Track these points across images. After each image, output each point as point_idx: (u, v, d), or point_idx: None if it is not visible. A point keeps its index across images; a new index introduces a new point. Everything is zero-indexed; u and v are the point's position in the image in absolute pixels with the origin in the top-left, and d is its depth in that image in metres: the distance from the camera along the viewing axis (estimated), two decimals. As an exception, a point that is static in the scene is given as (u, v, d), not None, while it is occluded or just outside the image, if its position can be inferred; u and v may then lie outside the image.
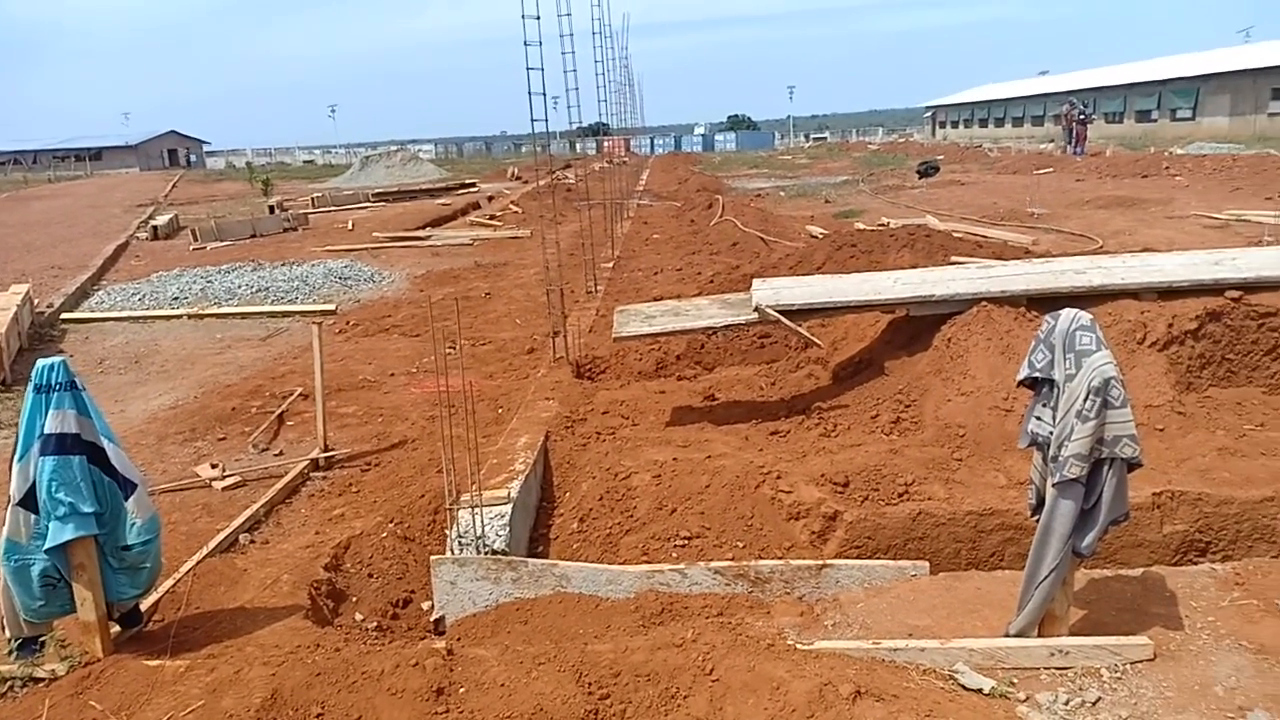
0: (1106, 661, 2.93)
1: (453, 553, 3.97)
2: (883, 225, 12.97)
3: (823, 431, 5.11)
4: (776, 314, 5.13)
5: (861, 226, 13.03)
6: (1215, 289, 5.00)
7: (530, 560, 3.89)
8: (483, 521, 4.03)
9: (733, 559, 4.03)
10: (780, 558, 4.12)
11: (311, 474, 5.36)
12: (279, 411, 6.42)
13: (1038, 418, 2.93)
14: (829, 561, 3.80)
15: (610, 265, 12.41)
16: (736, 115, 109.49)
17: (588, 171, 22.19)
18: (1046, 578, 2.91)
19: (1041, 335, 2.92)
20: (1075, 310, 2.90)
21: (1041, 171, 23.56)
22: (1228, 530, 4.13)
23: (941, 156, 31.95)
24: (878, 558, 4.07)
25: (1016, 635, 3.00)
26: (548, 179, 19.64)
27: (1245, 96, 38.48)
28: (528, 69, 6.43)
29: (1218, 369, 4.98)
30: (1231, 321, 4.98)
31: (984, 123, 61.73)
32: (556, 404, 5.93)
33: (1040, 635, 3.01)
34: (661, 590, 3.73)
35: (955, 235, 11.62)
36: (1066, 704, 2.75)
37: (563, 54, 9.54)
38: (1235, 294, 5.00)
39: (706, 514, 4.36)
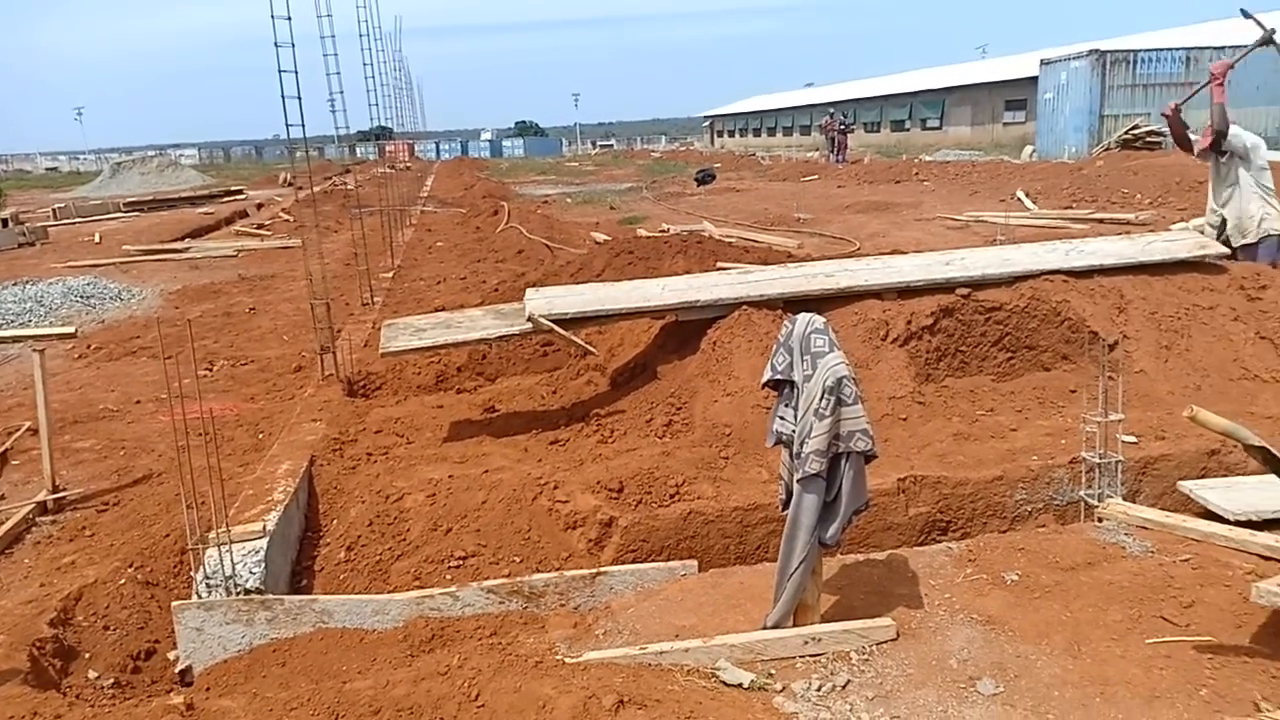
0: (855, 645, 3.10)
1: (199, 596, 3.66)
2: (664, 231, 13.32)
3: (600, 438, 5.15)
4: (550, 323, 5.12)
5: (644, 233, 13.32)
6: (948, 287, 5.45)
7: (287, 598, 3.65)
8: (233, 560, 3.74)
9: (509, 575, 3.96)
10: (558, 569, 4.10)
11: (38, 519, 4.80)
12: (1, 450, 5.72)
13: (781, 417, 3.06)
14: (602, 569, 3.81)
15: (390, 275, 12.01)
16: (524, 121, 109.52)
17: (368, 177, 21.41)
18: (797, 569, 3.04)
19: (781, 339, 3.05)
20: (810, 314, 3.05)
21: (808, 179, 25.08)
22: (964, 509, 4.50)
23: (719, 164, 33.34)
24: (653, 560, 4.14)
25: (773, 627, 3.12)
26: (324, 184, 18.79)
27: (984, 108, 42.57)
28: (279, 72, 6.08)
29: (952, 360, 5.42)
30: (962, 316, 5.43)
31: (757, 132, 64.92)
32: (324, 425, 5.64)
33: (795, 625, 3.14)
34: (432, 616, 3.61)
35: (728, 241, 12.12)
36: (819, 690, 2.88)
37: (325, 56, 9.13)
38: (965, 291, 5.46)
39: (483, 531, 4.27)
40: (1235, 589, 3.13)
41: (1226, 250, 5.93)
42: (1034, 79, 28.12)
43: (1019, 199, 15.80)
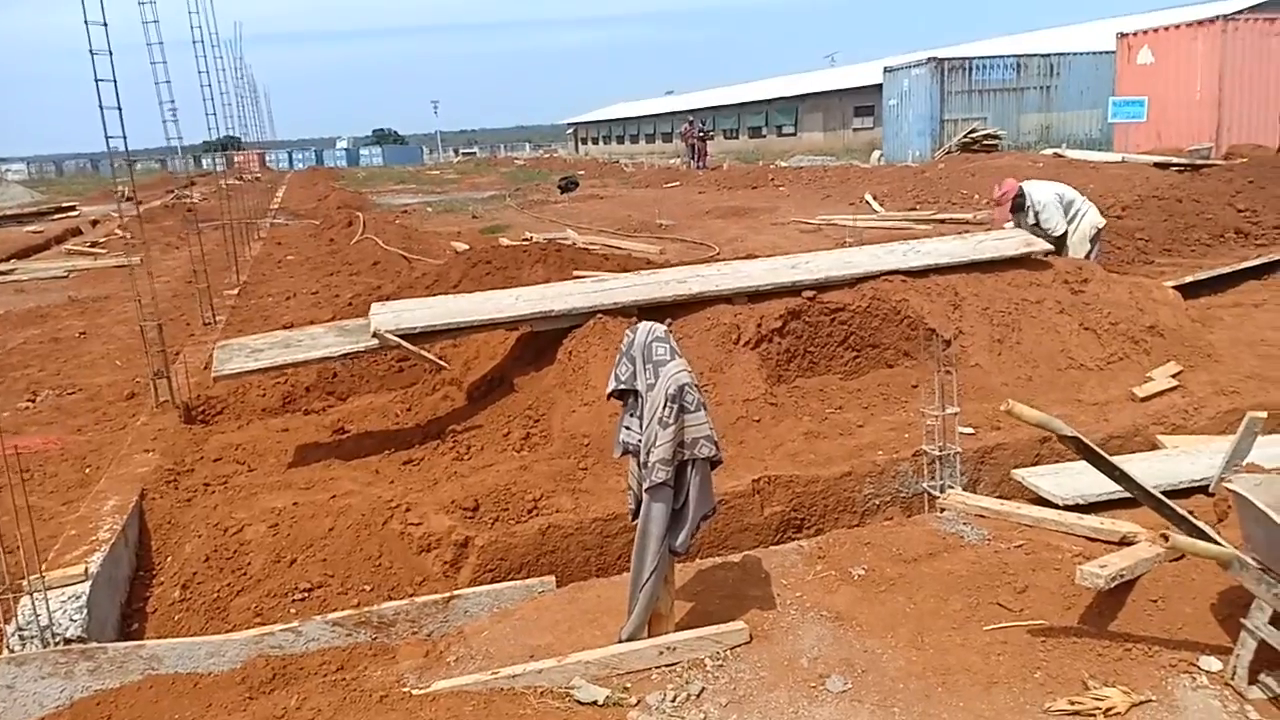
0: (709, 651, 3.10)
1: (9, 649, 3.35)
2: (526, 239, 13.18)
3: (456, 455, 5.01)
4: (397, 339, 4.95)
5: (506, 241, 13.13)
6: (795, 290, 5.58)
7: (111, 645, 3.37)
8: (49, 607, 3.44)
9: (358, 605, 3.79)
10: (411, 594, 3.95)
11: None
12: None
13: (627, 427, 3.04)
14: (456, 592, 3.69)
15: (235, 292, 11.43)
16: (383, 129, 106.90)
17: (214, 189, 20.39)
18: (649, 579, 3.02)
19: (623, 349, 3.03)
20: (650, 323, 3.04)
21: (670, 185, 25.36)
22: (817, 507, 4.60)
23: (583, 172, 33.35)
24: (512, 578, 4.04)
25: (628, 639, 3.09)
26: (165, 198, 17.76)
27: (834, 114, 44.14)
28: (96, 81, 5.67)
29: (802, 361, 5.55)
30: (810, 318, 5.56)
31: (621, 139, 65.38)
32: (157, 456, 5.28)
33: (650, 635, 3.12)
34: (273, 654, 3.40)
35: (590, 248, 12.11)
36: (673, 700, 2.86)
37: (152, 64, 8.60)
38: (811, 293, 5.60)
39: (330, 560, 4.07)
40: (1064, 572, 3.29)
41: (1050, 247, 6.31)
42: (880, 86, 29.35)
43: (867, 202, 16.41)
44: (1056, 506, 3.93)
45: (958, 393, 4.74)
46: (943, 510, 4.10)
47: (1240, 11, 22.94)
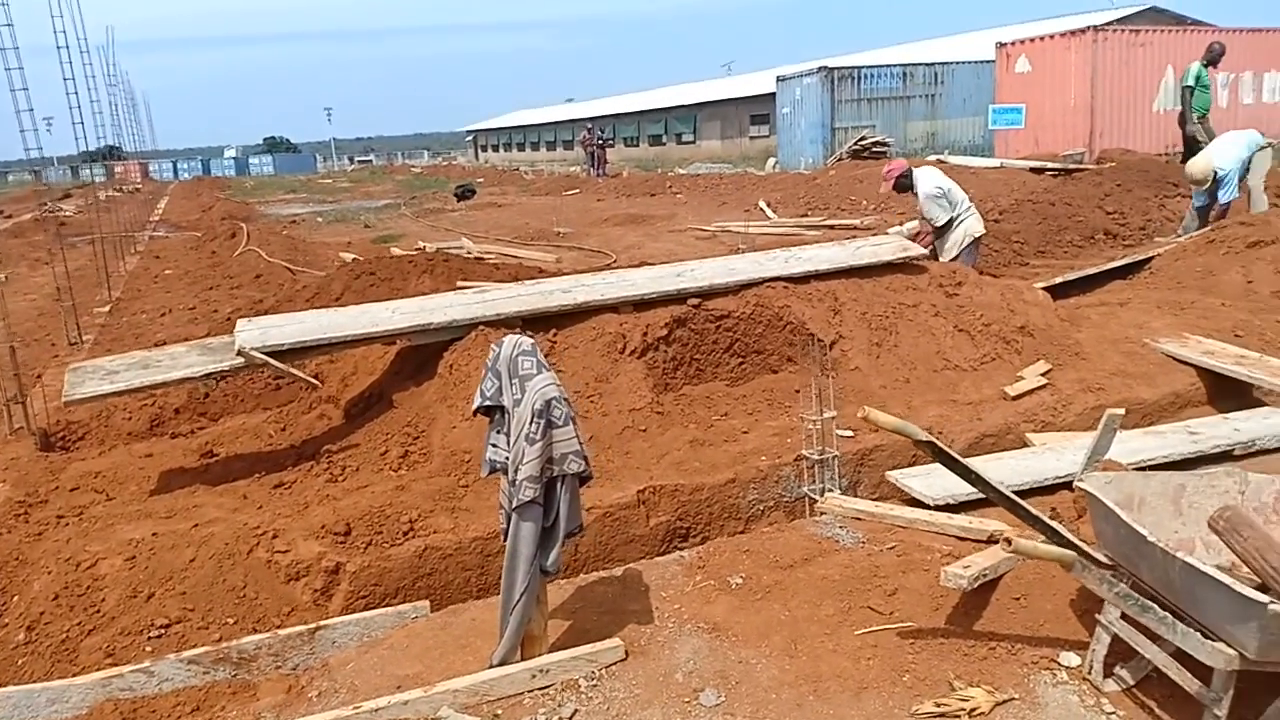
0: (584, 671, 3.03)
1: None
2: (419, 249, 12.92)
3: (330, 477, 4.82)
4: (264, 356, 4.73)
5: (398, 251, 12.84)
6: (680, 298, 5.57)
7: (-65, 698, 3.11)
8: None
9: (220, 640, 3.60)
10: (279, 626, 3.78)
11: None
12: None
13: (494, 445, 2.95)
14: (322, 623, 3.53)
15: (107, 309, 10.86)
16: (274, 137, 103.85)
17: (90, 201, 19.40)
18: (519, 600, 2.93)
19: (489, 363, 2.94)
20: (518, 336, 2.96)
21: (570, 193, 25.29)
22: (702, 515, 4.58)
23: (481, 179, 33.01)
24: (387, 604, 3.90)
25: (500, 664, 3.00)
26: (36, 211, 16.80)
27: (732, 122, 44.77)
28: (-69, 86, 5.28)
29: (689, 368, 5.54)
30: (695, 325, 5.56)
31: (521, 146, 64.96)
32: (8, 487, 4.95)
33: (523, 658, 3.04)
34: (122, 697, 3.20)
35: (484, 257, 11.94)
36: (545, 725, 2.79)
37: (7, 70, 8.10)
38: (696, 301, 5.60)
39: (190, 593, 3.86)
40: (933, 573, 3.34)
41: (925, 251, 6.47)
42: (774, 95, 29.90)
43: (761, 208, 16.65)
44: (929, 507, 4.00)
45: (838, 396, 4.81)
46: (821, 514, 4.14)
47: (1110, 23, 24.19)
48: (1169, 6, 32.28)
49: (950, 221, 7.50)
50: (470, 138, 75.46)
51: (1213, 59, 11.89)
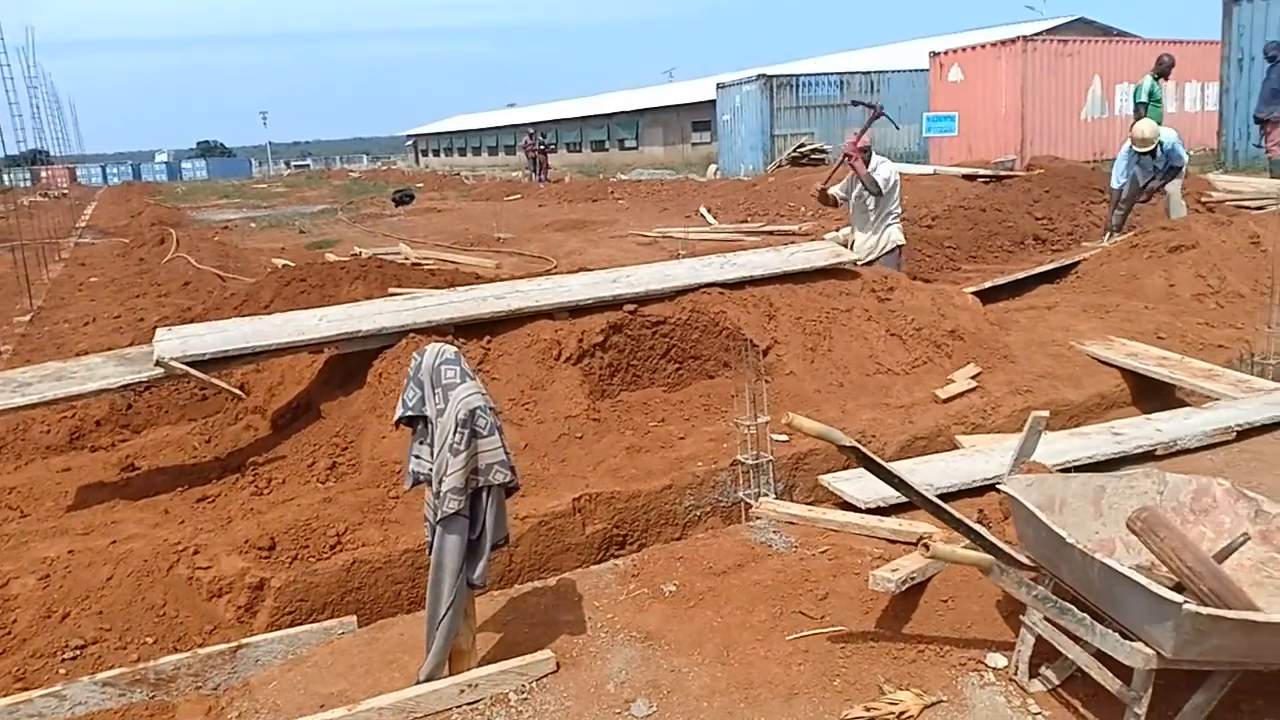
0: (514, 685, 2.98)
1: None
2: (355, 255, 12.71)
3: (255, 490, 4.69)
4: (184, 366, 4.59)
5: (333, 257, 12.61)
6: (616, 304, 5.55)
7: None
8: None
9: (138, 660, 3.47)
10: (200, 644, 3.65)
11: None
12: None
13: (417, 456, 2.88)
14: (245, 641, 3.42)
15: (27, 319, 10.48)
16: (208, 141, 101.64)
17: (13, 207, 18.73)
18: (446, 614, 2.87)
19: (411, 372, 2.88)
20: (440, 345, 2.91)
21: (511, 198, 25.13)
22: (639, 522, 4.56)
23: (421, 184, 32.63)
24: (315, 620, 3.80)
25: (427, 680, 2.93)
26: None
27: (674, 129, 45.03)
28: None
29: (625, 375, 5.51)
30: (631, 331, 5.54)
31: (462, 151, 64.49)
32: (-89, 506, 4.71)
33: (451, 673, 2.97)
34: (30, 725, 3.06)
35: (421, 263, 11.78)
36: (472, 741, 2.73)
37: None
38: (632, 307, 5.58)
39: (107, 613, 3.71)
40: (864, 576, 3.34)
41: (858, 257, 6.55)
42: (715, 102, 30.10)
43: (702, 214, 16.72)
44: (861, 510, 4.02)
45: (773, 401, 4.82)
46: (756, 519, 4.14)
47: (1039, 33, 24.84)
48: (1096, 18, 33.33)
49: (885, 215, 7.38)
50: (410, 142, 74.69)
51: (1163, 71, 12.00)
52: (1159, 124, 11.60)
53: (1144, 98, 11.72)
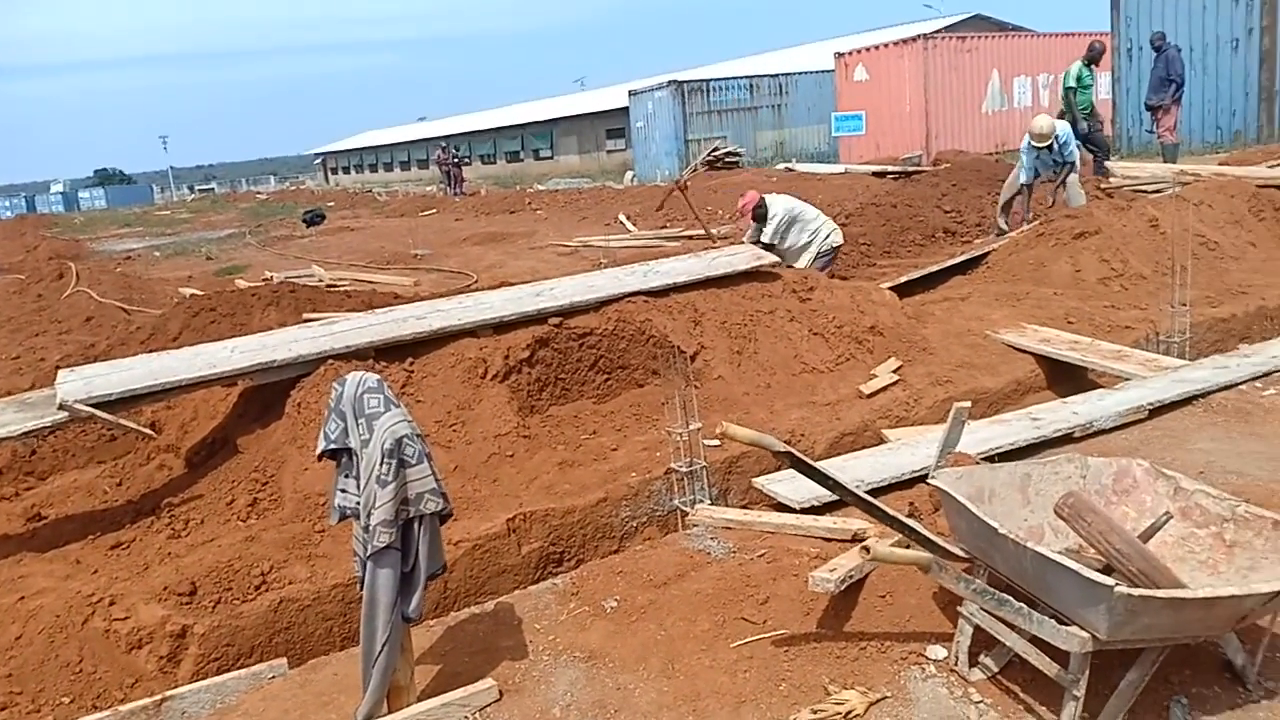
0: (457, 717, 2.90)
1: None
2: (267, 280, 12.36)
3: (172, 533, 4.49)
4: (89, 408, 4.37)
5: (243, 283, 12.25)
6: (540, 318, 5.49)
7: None
8: None
9: (52, 722, 3.28)
10: (121, 700, 3.48)
11: None
12: None
13: (342, 490, 2.79)
14: (170, 693, 3.26)
15: (-89, 366, 9.88)
16: (106, 169, 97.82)
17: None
18: (382, 651, 2.78)
19: (332, 404, 2.78)
20: (361, 373, 2.81)
21: (426, 213, 24.76)
22: (575, 537, 4.50)
23: (332, 203, 31.94)
24: (241, 665, 3.65)
25: (366, 719, 2.83)
26: None
27: (588, 137, 44.99)
28: None
29: (554, 389, 5.45)
30: (558, 345, 5.49)
31: (373, 168, 63.39)
32: None
33: (390, 711, 2.88)
34: (-66, 803, 2.86)
35: (336, 284, 11.51)
36: (416, 780, 2.64)
37: None
38: (557, 320, 5.53)
39: (18, 674, 3.52)
40: (802, 577, 3.35)
41: (778, 259, 6.61)
42: (628, 109, 30.20)
43: (621, 222, 16.73)
44: (795, 510, 4.04)
45: (703, 406, 4.82)
46: (693, 526, 4.12)
47: (938, 31, 25.56)
48: (992, 14, 34.43)
49: (808, 237, 7.98)
50: (318, 161, 73.09)
51: (1093, 58, 12.15)
52: (1088, 108, 11.94)
53: (1072, 82, 11.97)
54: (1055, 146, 9.19)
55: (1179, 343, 5.98)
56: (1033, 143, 9.23)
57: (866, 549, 2.18)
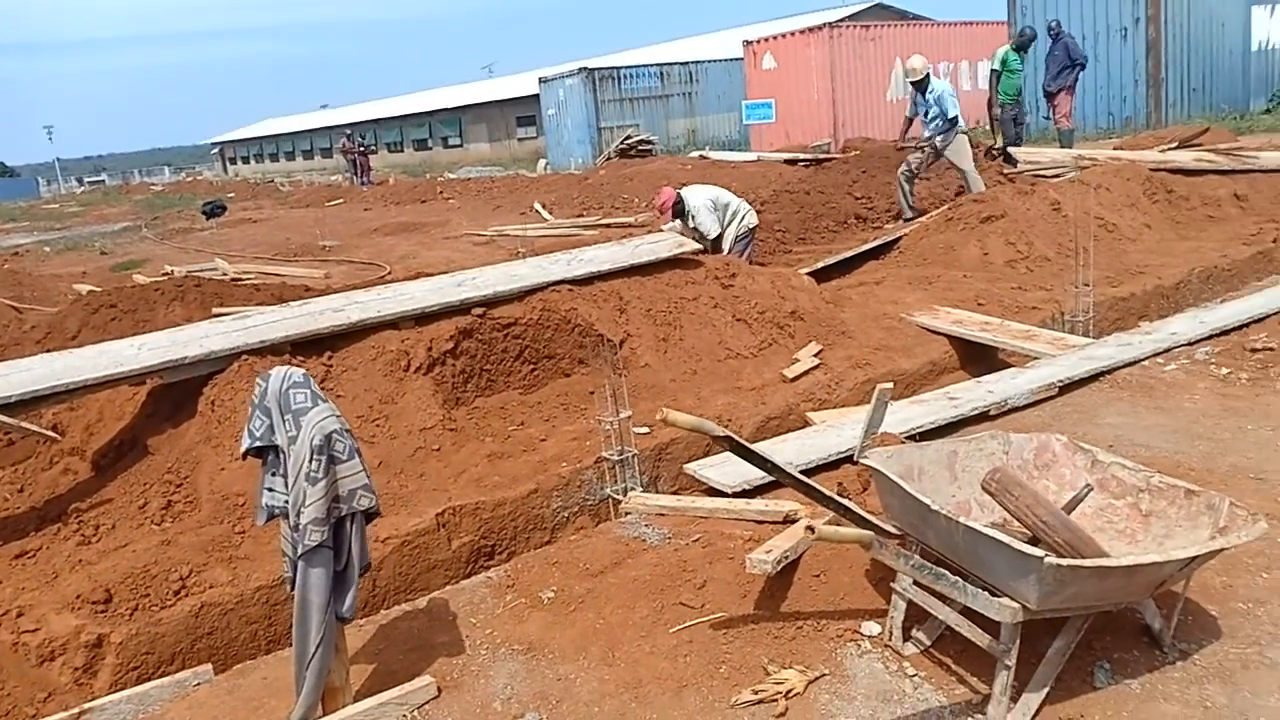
0: (395, 716, 2.85)
1: None
2: (167, 274, 11.86)
3: (82, 539, 4.28)
4: (-15, 412, 4.13)
5: (142, 279, 11.72)
6: (463, 308, 5.40)
7: None
8: None
9: (-42, 745, 3.10)
10: (34, 715, 3.32)
11: None
12: None
13: (269, 489, 2.69)
14: (87, 706, 3.11)
15: None
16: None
17: None
18: (316, 652, 2.70)
19: (256, 400, 2.68)
20: (286, 368, 2.72)
21: (333, 203, 24.13)
22: (507, 530, 4.46)
23: (232, 194, 30.87)
24: (164, 673, 3.51)
25: (300, 723, 2.75)
26: None
27: (498, 124, 44.46)
28: None
29: (480, 380, 5.38)
30: (482, 335, 5.41)
31: (274, 157, 61.47)
32: None
33: (325, 713, 2.80)
34: None
35: (241, 278, 11.13)
36: (356, 783, 2.58)
37: None
38: (480, 310, 5.45)
39: (-85, 695, 3.30)
40: (738, 560, 3.39)
41: (700, 246, 6.66)
42: (538, 96, 29.95)
43: (537, 210, 16.59)
44: (727, 495, 4.08)
45: (631, 393, 4.82)
46: (626, 514, 4.12)
47: (842, 20, 26.02)
48: (892, 3, 35.23)
49: (730, 220, 8.07)
50: (216, 150, 70.50)
51: (1022, 44, 12.45)
52: (1014, 93, 12.22)
53: (997, 65, 12.26)
54: (929, 91, 9.47)
55: (1083, 321, 6.24)
56: (907, 77, 9.62)
57: (811, 529, 2.21)
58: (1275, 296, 6.14)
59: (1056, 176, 9.84)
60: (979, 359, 6.17)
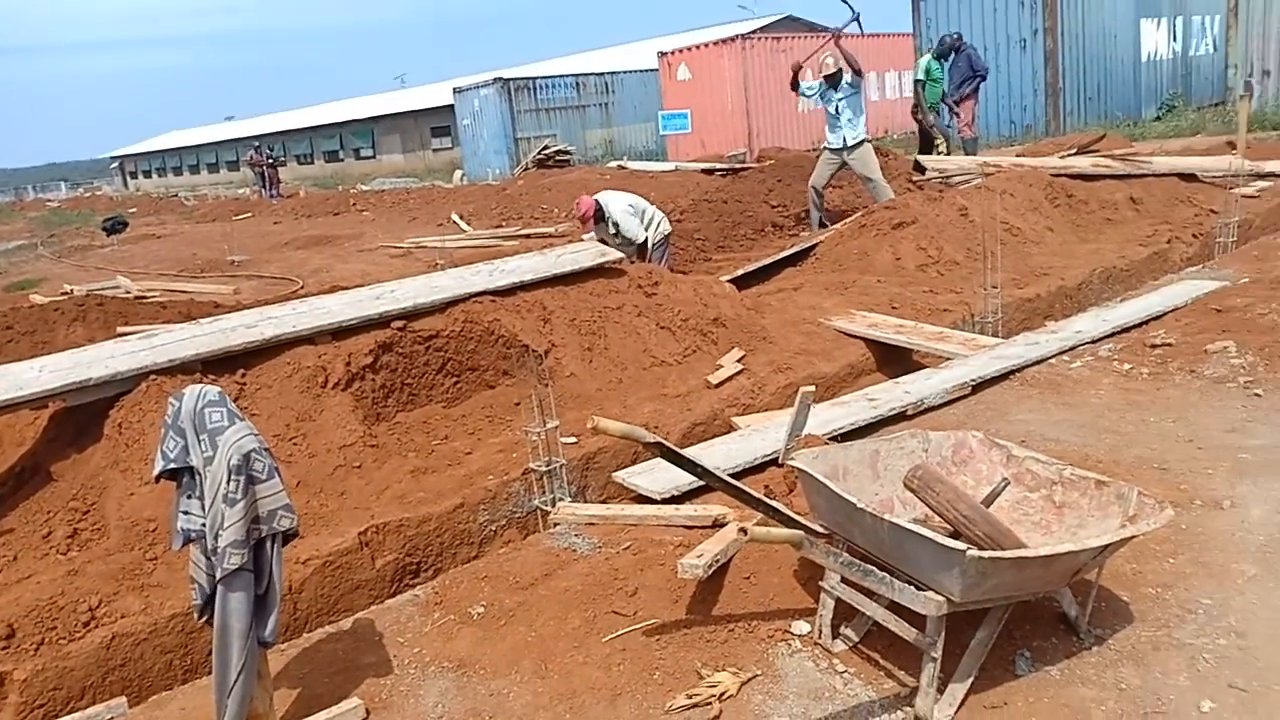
0: (323, 741, 2.77)
1: None
2: (66, 293, 11.37)
3: (-21, 573, 4.06)
4: None
5: (39, 299, 11.20)
6: (382, 322, 5.30)
7: None
8: None
9: None
10: (-71, 764, 3.13)
11: None
12: None
13: (185, 512, 2.59)
14: (-12, 750, 2.95)
15: None
16: None
17: None
18: (238, 680, 2.60)
19: (169, 420, 2.58)
20: (201, 386, 2.63)
21: (241, 217, 23.48)
22: (433, 546, 4.38)
23: (134, 209, 29.78)
24: (73, 709, 3.35)
25: (223, 755, 2.65)
26: None
27: (412, 135, 43.85)
28: None
29: (401, 395, 5.29)
30: (403, 349, 5.32)
31: (178, 170, 59.51)
32: None
33: (250, 743, 2.71)
34: None
35: (143, 296, 10.74)
36: (284, 812, 2.50)
37: None
38: (400, 323, 5.36)
39: None
40: (669, 566, 3.40)
41: (623, 255, 6.67)
42: (453, 106, 29.65)
43: (455, 221, 16.42)
44: (656, 501, 4.09)
45: (557, 403, 4.79)
46: (555, 525, 4.10)
47: (754, 31, 26.46)
48: (802, 14, 35.96)
49: (647, 225, 8.13)
50: (116, 164, 67.84)
51: (943, 52, 12.77)
52: (937, 100, 12.56)
53: (921, 75, 12.58)
54: (841, 83, 9.74)
55: (992, 322, 6.46)
56: (823, 74, 9.86)
57: (744, 530, 2.23)
58: (1171, 295, 6.44)
59: (964, 183, 10.16)
60: (895, 361, 6.32)
